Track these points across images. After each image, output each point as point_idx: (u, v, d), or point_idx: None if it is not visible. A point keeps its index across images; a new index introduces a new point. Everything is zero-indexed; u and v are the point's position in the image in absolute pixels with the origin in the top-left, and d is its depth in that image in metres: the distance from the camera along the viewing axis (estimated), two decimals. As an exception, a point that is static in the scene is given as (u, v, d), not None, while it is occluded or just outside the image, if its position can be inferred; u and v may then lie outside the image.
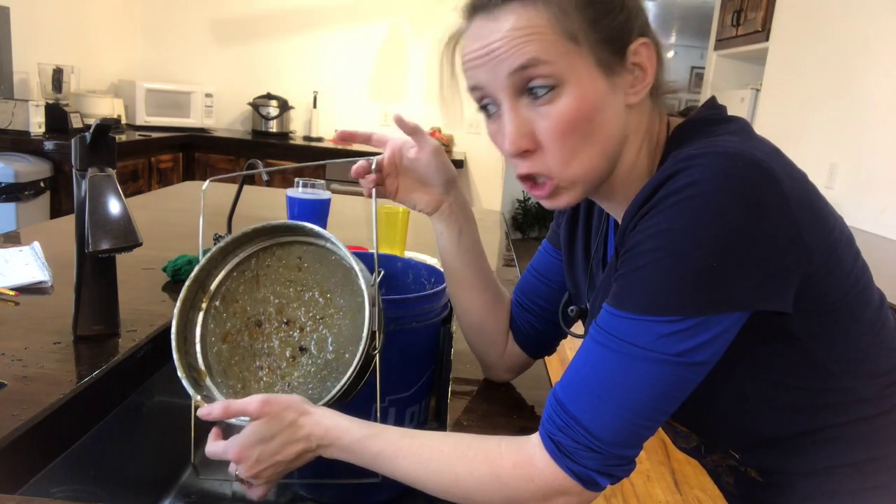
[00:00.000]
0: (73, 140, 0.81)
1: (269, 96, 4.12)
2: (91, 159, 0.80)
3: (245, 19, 4.27)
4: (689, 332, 0.54)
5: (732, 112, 0.65)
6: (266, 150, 3.91)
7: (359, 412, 0.66)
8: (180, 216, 1.69)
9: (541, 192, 0.65)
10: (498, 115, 0.63)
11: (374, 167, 0.76)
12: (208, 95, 4.01)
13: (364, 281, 0.67)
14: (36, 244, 1.16)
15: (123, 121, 3.64)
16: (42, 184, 2.70)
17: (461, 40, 0.65)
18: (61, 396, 0.71)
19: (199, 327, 0.74)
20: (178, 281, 1.12)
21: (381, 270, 0.71)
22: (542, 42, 0.58)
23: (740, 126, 0.63)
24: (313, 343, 0.72)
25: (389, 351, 0.75)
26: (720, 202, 0.53)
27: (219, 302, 0.75)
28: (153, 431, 0.93)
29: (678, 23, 7.24)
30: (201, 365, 0.72)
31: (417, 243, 1.42)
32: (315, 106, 4.26)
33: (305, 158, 3.87)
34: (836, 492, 0.66)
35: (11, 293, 0.99)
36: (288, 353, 0.72)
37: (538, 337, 0.87)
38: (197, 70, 4.30)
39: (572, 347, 0.62)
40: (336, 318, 0.72)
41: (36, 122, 2.86)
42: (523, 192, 5.58)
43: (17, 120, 2.83)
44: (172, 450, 0.95)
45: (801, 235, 0.55)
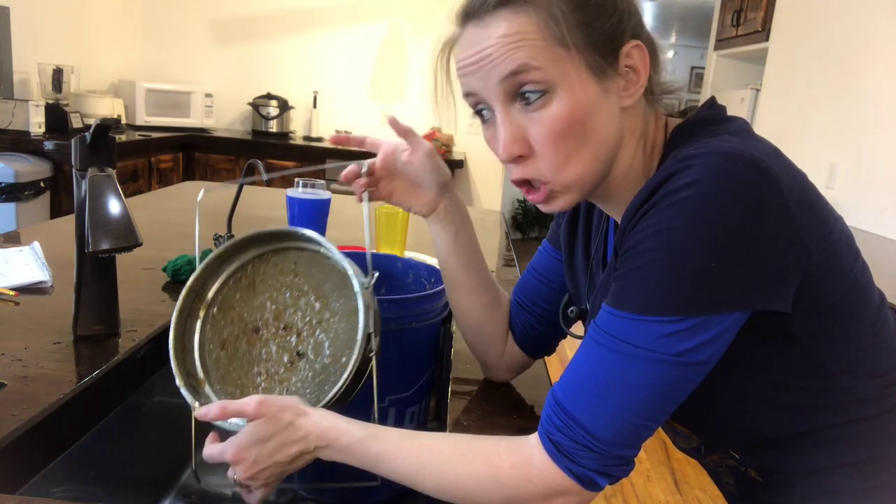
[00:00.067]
0: (73, 140, 0.81)
1: (269, 96, 4.12)
2: (91, 159, 0.81)
3: (245, 19, 4.27)
4: (689, 332, 0.54)
5: (732, 112, 0.65)
6: (266, 150, 3.91)
7: (358, 413, 0.66)
8: (180, 216, 1.69)
9: (536, 197, 0.65)
10: (493, 121, 0.64)
11: (364, 171, 0.77)
12: (208, 95, 4.01)
13: (358, 284, 0.67)
14: (36, 244, 1.17)
15: (123, 121, 3.64)
16: (42, 184, 2.70)
17: (455, 47, 0.66)
18: (61, 396, 0.71)
19: (197, 335, 0.74)
20: (177, 281, 1.12)
21: (376, 273, 0.71)
22: (533, 48, 0.59)
23: (740, 126, 0.63)
24: (310, 348, 0.72)
25: (389, 351, 0.75)
26: (720, 202, 0.53)
27: (216, 309, 0.75)
28: (153, 431, 0.93)
29: (678, 23, 7.24)
30: (200, 373, 0.72)
31: (417, 243, 1.42)
32: (315, 106, 4.26)
33: (305, 158, 3.87)
34: (837, 492, 0.66)
35: (11, 293, 0.99)
36: (286, 359, 0.72)
37: (538, 337, 0.87)
38: (197, 70, 4.30)
39: (572, 347, 0.62)
40: (332, 323, 0.72)
41: (36, 122, 2.86)
42: (523, 192, 5.56)
43: (17, 120, 2.83)
44: (172, 450, 0.95)
45: (800, 235, 0.55)
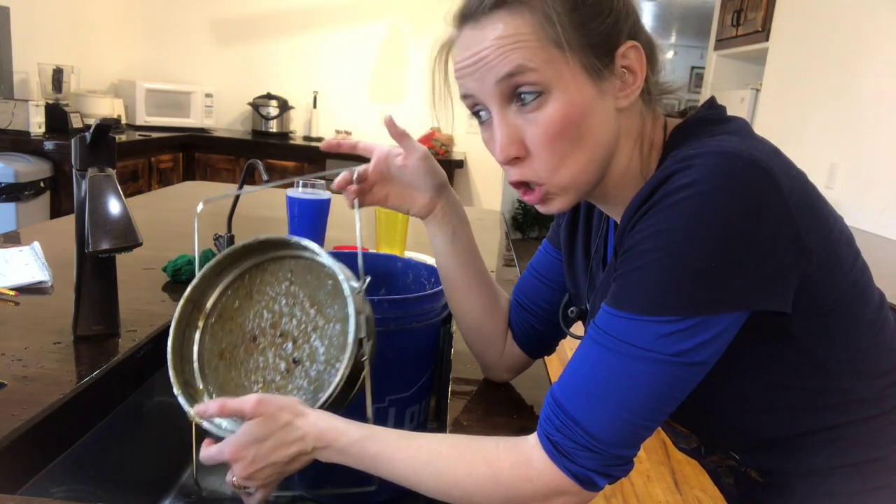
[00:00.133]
0: (73, 140, 0.81)
1: (269, 96, 4.12)
2: (91, 159, 0.81)
3: (245, 19, 4.27)
4: (688, 332, 0.54)
5: (732, 112, 0.65)
6: (266, 150, 3.91)
7: (357, 414, 0.66)
8: (180, 216, 1.69)
9: (532, 198, 0.65)
10: (490, 123, 0.64)
11: (355, 178, 0.77)
12: (208, 95, 4.01)
13: (348, 289, 0.67)
14: (36, 244, 1.17)
15: (123, 121, 3.64)
16: (42, 184, 2.70)
17: (452, 49, 0.66)
18: (61, 396, 0.71)
19: (195, 345, 0.74)
20: (177, 281, 1.12)
21: (368, 277, 0.71)
22: (528, 49, 0.59)
23: (739, 126, 0.63)
24: (306, 355, 0.72)
25: (389, 351, 0.75)
26: (719, 202, 0.53)
27: (214, 319, 0.75)
28: (153, 431, 0.93)
29: (678, 23, 7.25)
30: (199, 383, 0.72)
31: (417, 243, 1.42)
32: (315, 106, 4.26)
33: (305, 158, 3.87)
34: (836, 492, 0.66)
35: (11, 293, 0.99)
36: (282, 367, 0.72)
37: (537, 337, 0.87)
38: (197, 70, 4.30)
39: (572, 347, 0.62)
40: (327, 329, 0.72)
41: (36, 122, 2.86)
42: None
43: (17, 120, 2.83)
44: (172, 450, 0.95)
45: (800, 235, 0.55)
